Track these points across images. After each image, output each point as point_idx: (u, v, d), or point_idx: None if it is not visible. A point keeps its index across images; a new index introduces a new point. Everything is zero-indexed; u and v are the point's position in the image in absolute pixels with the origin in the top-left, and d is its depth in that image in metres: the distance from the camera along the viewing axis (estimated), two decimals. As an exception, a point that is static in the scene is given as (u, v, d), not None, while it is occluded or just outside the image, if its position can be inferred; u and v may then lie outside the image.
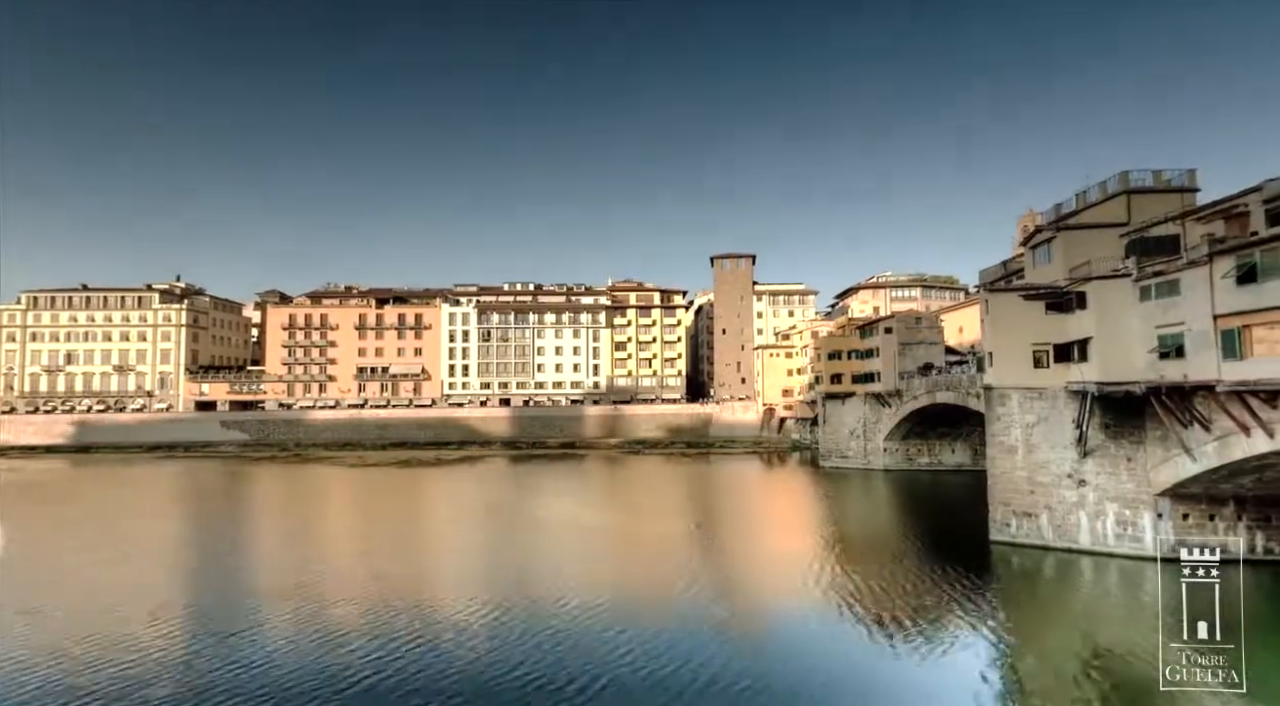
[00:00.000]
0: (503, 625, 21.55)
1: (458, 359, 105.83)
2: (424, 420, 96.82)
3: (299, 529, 40.72)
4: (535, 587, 25.75)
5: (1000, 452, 31.98)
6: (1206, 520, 26.89)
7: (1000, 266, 46.37)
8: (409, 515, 45.39)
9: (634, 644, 19.92)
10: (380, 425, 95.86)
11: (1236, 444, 23.37)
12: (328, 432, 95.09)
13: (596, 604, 23.63)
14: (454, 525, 42.33)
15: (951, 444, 59.02)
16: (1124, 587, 25.64)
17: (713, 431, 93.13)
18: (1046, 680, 18.11)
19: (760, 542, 35.89)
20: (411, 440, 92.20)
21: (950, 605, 23.80)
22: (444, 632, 20.92)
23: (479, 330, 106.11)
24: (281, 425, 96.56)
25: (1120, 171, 32.14)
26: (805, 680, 17.84)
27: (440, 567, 30.80)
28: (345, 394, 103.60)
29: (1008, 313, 31.74)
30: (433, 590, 26.37)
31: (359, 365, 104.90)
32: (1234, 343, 22.76)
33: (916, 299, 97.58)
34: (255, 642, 20.07)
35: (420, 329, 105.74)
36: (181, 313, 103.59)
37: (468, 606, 23.51)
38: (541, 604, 23.54)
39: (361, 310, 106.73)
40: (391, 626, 21.30)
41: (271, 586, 26.48)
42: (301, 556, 32.30)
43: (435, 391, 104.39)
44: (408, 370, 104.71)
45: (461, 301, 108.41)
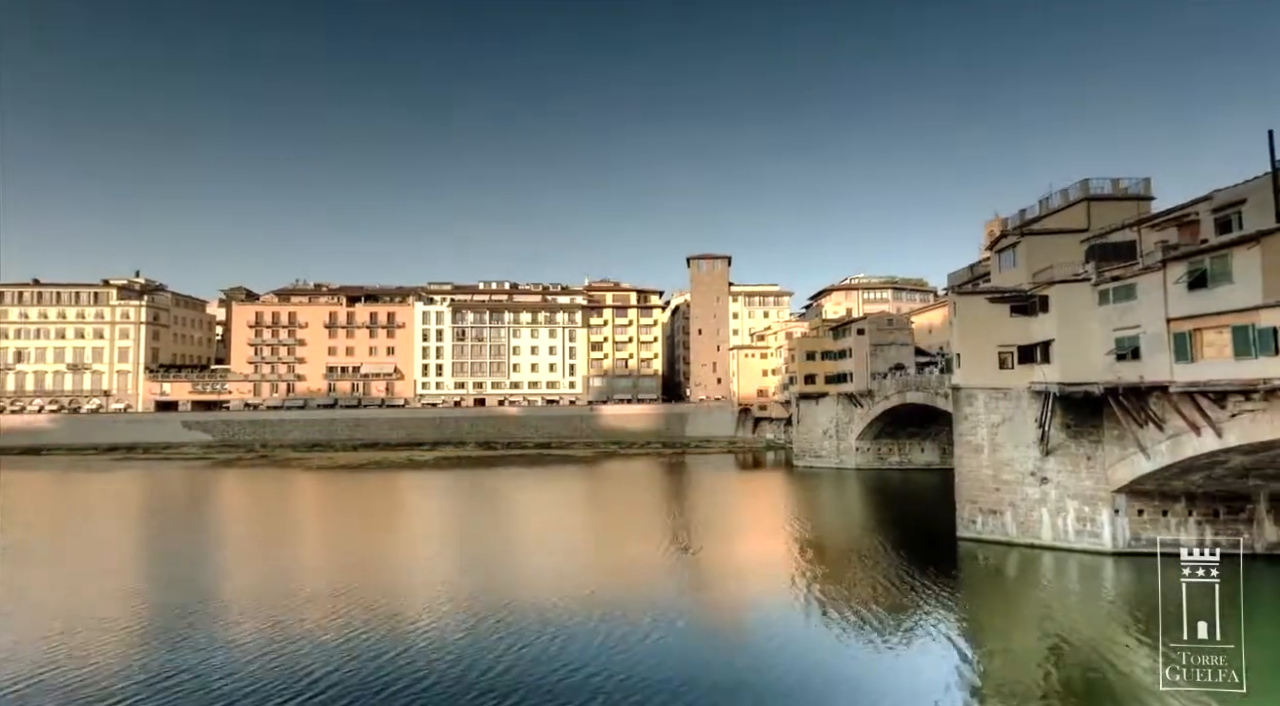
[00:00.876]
0: (474, 630, 21.24)
1: (431, 358, 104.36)
2: (397, 420, 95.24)
3: (260, 535, 39.55)
4: (509, 590, 25.47)
5: (967, 451, 32.77)
6: (1160, 516, 27.97)
7: (968, 270, 47.56)
8: (379, 519, 44.50)
9: (607, 644, 19.87)
10: (351, 425, 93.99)
11: (1188, 442, 24.35)
12: (296, 433, 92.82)
13: (569, 604, 23.52)
14: (425, 529, 41.68)
15: (921, 443, 60.32)
16: (1083, 582, 26.50)
17: (688, 431, 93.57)
18: (1009, 672, 18.62)
19: (734, 542, 36.15)
20: (384, 441, 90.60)
21: (919, 601, 24.30)
22: (415, 640, 20.54)
23: (453, 329, 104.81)
24: (247, 426, 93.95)
25: (1081, 179, 33.30)
26: (778, 677, 18.00)
27: (410, 574, 30.20)
28: (314, 394, 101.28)
29: (974, 315, 32.55)
30: (401, 599, 25.82)
31: (329, 364, 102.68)
32: (1185, 345, 23.72)
33: (888, 301, 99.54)
34: (205, 667, 18.38)
35: (393, 328, 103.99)
36: (140, 309, 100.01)
37: (438, 613, 23.15)
38: (516, 606, 23.30)
39: (332, 308, 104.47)
40: (359, 637, 20.76)
41: (224, 602, 24.99)
42: (262, 567, 31.08)
43: (408, 391, 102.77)
44: (380, 370, 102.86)
45: (435, 300, 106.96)
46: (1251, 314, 21.27)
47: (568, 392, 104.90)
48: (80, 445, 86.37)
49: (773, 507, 47.16)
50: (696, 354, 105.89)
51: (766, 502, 49.70)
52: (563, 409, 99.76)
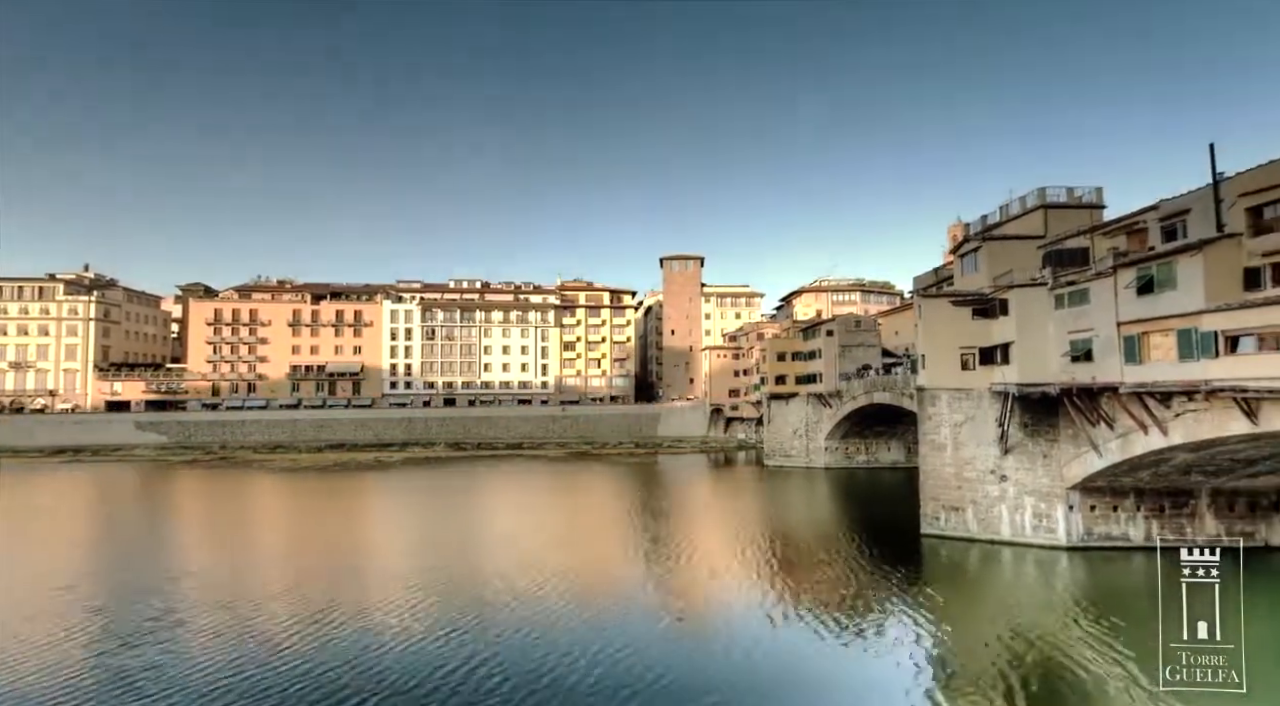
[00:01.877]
0: (434, 636, 20.89)
1: (400, 358, 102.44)
2: (364, 421, 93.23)
3: (213, 538, 38.22)
4: (474, 592, 25.17)
5: (931, 450, 33.66)
6: (1110, 511, 29.20)
7: (932, 273, 48.85)
8: (340, 521, 43.41)
9: (574, 645, 19.80)
10: (316, 426, 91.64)
11: (1137, 440, 25.48)
12: (257, 434, 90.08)
13: (535, 605, 23.38)
14: (388, 532, 40.85)
15: (887, 442, 61.74)
16: (1040, 576, 27.46)
17: (661, 431, 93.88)
18: (970, 665, 19.19)
19: (704, 542, 36.43)
20: (350, 441, 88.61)
21: (884, 597, 24.89)
22: (382, 647, 20.14)
23: (423, 328, 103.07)
24: (205, 426, 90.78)
25: (1038, 187, 34.53)
26: (745, 674, 18.20)
27: (374, 576, 29.59)
28: (277, 393, 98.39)
29: (938, 317, 33.45)
30: (354, 606, 25.31)
31: (293, 363, 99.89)
32: (1134, 348, 24.81)
33: (856, 302, 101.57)
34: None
35: (360, 326, 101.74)
36: (90, 305, 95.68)
37: (406, 614, 22.74)
38: (481, 607, 23.06)
39: (296, 306, 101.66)
40: (306, 646, 20.27)
41: (169, 607, 24.42)
42: (213, 572, 29.91)
43: (375, 391, 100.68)
44: (346, 368, 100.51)
45: (404, 298, 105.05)
46: (1194, 318, 22.36)
47: (540, 392, 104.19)
48: (23, 447, 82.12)
49: (743, 507, 47.64)
50: (669, 354, 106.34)
51: (737, 502, 50.19)
52: (534, 409, 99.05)
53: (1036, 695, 16.82)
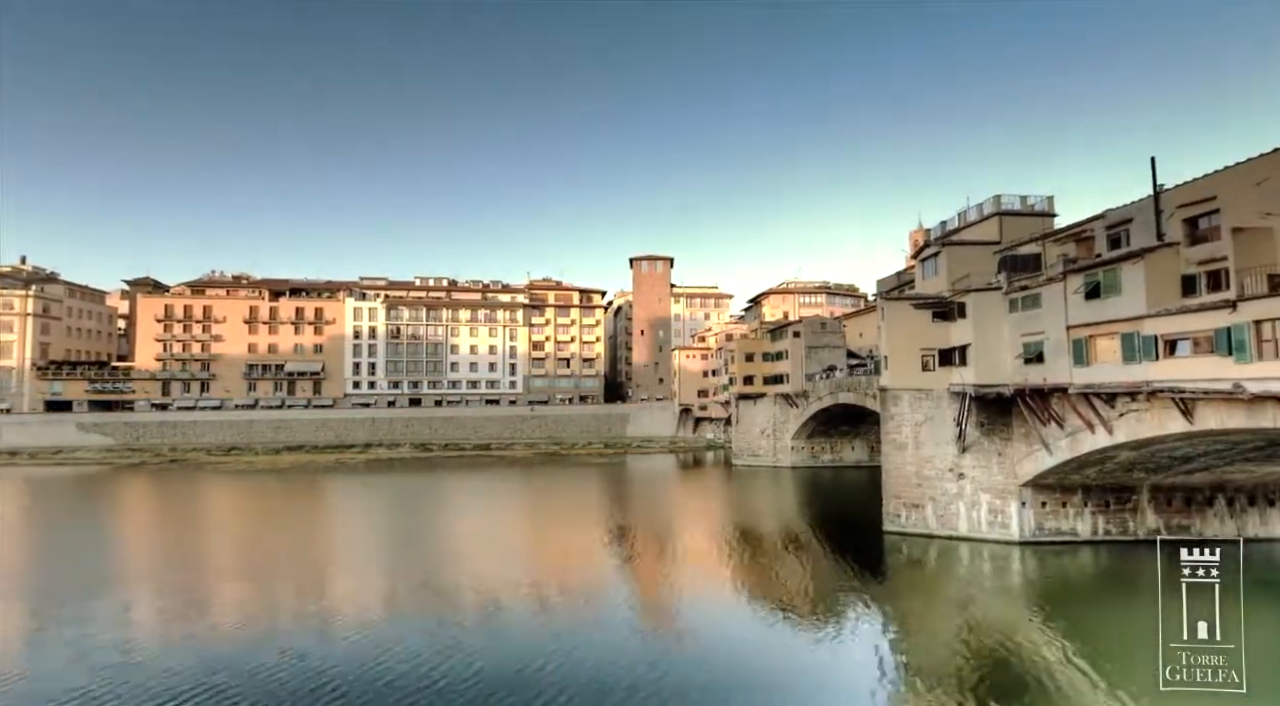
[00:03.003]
0: (407, 635, 20.52)
1: (363, 356, 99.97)
2: (324, 421, 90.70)
3: (152, 543, 36.59)
4: (437, 592, 24.77)
5: (893, 449, 34.53)
6: (1060, 507, 30.46)
7: (895, 277, 50.14)
8: (294, 526, 42.14)
9: (538, 646, 19.68)
10: (274, 427, 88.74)
11: (1084, 439, 26.65)
12: (210, 435, 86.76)
13: (500, 604, 23.19)
14: (346, 538, 39.80)
15: (852, 441, 63.15)
16: (994, 570, 28.49)
17: (630, 431, 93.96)
18: (928, 657, 19.77)
19: (672, 541, 36.63)
20: (310, 443, 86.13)
21: (846, 594, 25.45)
22: (347, 652, 19.62)
23: (388, 327, 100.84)
24: (154, 427, 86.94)
25: (994, 195, 35.81)
26: (710, 670, 18.35)
27: (326, 586, 28.80)
28: (232, 393, 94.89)
29: (900, 320, 34.34)
30: (326, 607, 24.63)
31: (249, 362, 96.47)
32: (1082, 350, 25.95)
33: (822, 304, 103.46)
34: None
35: (321, 324, 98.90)
36: (27, 300, 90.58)
37: (369, 619, 22.21)
38: (445, 606, 22.71)
39: (253, 302, 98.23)
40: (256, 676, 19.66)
41: (105, 614, 23.48)
42: (149, 578, 28.78)
43: (337, 391, 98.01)
44: (306, 368, 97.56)
45: (368, 295, 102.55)
46: (1137, 322, 23.51)
47: (508, 392, 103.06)
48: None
49: (711, 506, 48.07)
50: (639, 354, 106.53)
51: (705, 502, 50.61)
52: (502, 409, 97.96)
53: (990, 687, 17.43)
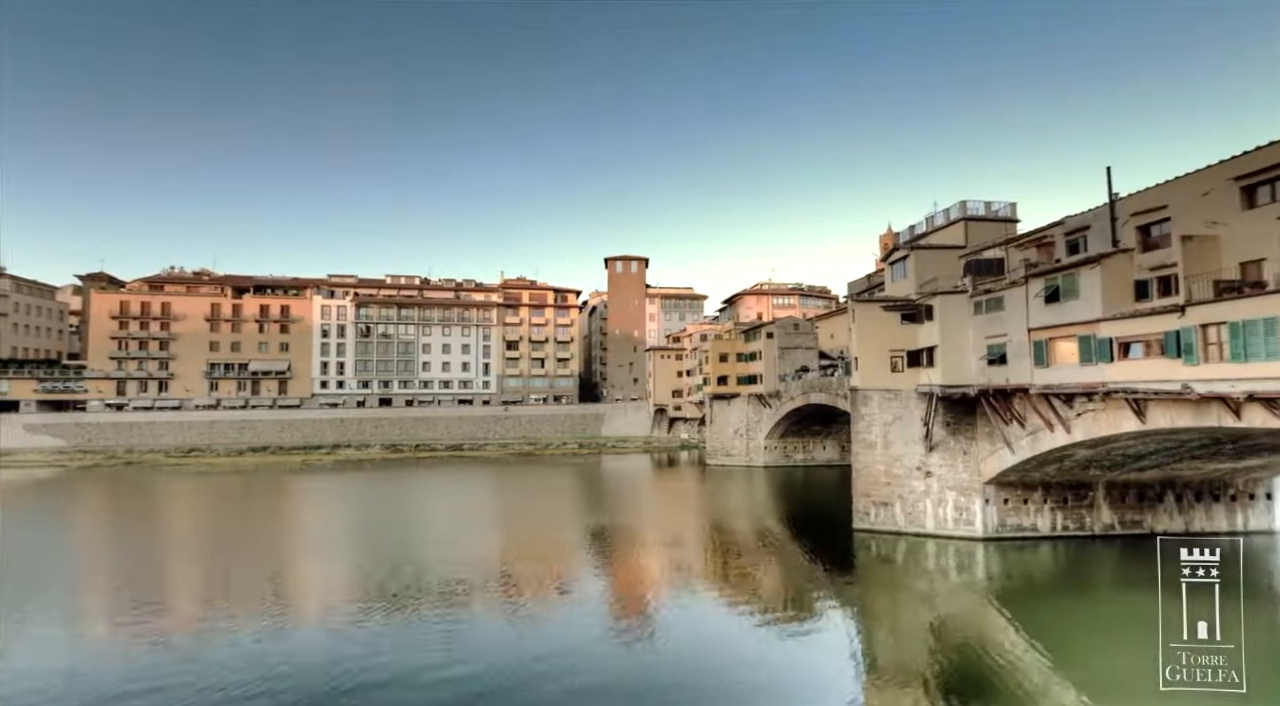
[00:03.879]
0: (370, 637, 20.17)
1: (331, 356, 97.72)
2: (291, 422, 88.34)
3: (95, 545, 35.24)
4: (410, 595, 24.38)
5: (863, 448, 35.22)
6: (1021, 504, 31.50)
7: (865, 279, 51.14)
8: (262, 525, 41.00)
9: (512, 643, 19.60)
10: (237, 428, 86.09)
11: (1044, 438, 27.60)
12: (170, 437, 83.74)
13: (473, 606, 22.97)
14: (312, 535, 38.90)
15: (823, 441, 64.20)
16: (959, 566, 29.31)
17: (605, 431, 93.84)
18: (896, 651, 20.28)
19: (646, 541, 36.73)
20: (275, 444, 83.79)
21: (818, 590, 25.94)
22: (307, 655, 19.17)
23: (357, 326, 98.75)
24: (109, 429, 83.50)
25: (960, 201, 36.83)
26: (684, 665, 18.49)
27: (293, 581, 28.14)
28: (192, 393, 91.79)
29: (870, 321, 35.05)
30: (285, 608, 24.04)
31: (211, 361, 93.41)
32: (1042, 352, 26.86)
33: (795, 306, 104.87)
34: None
35: (287, 322, 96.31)
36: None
37: (330, 622, 21.75)
38: (420, 610, 22.38)
39: (215, 300, 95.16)
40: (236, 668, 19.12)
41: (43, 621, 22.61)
42: (87, 584, 27.88)
43: (304, 391, 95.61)
44: (272, 367, 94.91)
45: (337, 294, 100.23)
46: (1094, 325, 24.45)
47: (481, 392, 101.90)
48: (-114, 455, 73.00)
49: (685, 506, 48.34)
50: (614, 354, 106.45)
51: (680, 501, 50.87)
52: (475, 409, 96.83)
53: (956, 681, 17.94)
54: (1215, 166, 22.30)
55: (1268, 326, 18.24)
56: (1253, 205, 21.26)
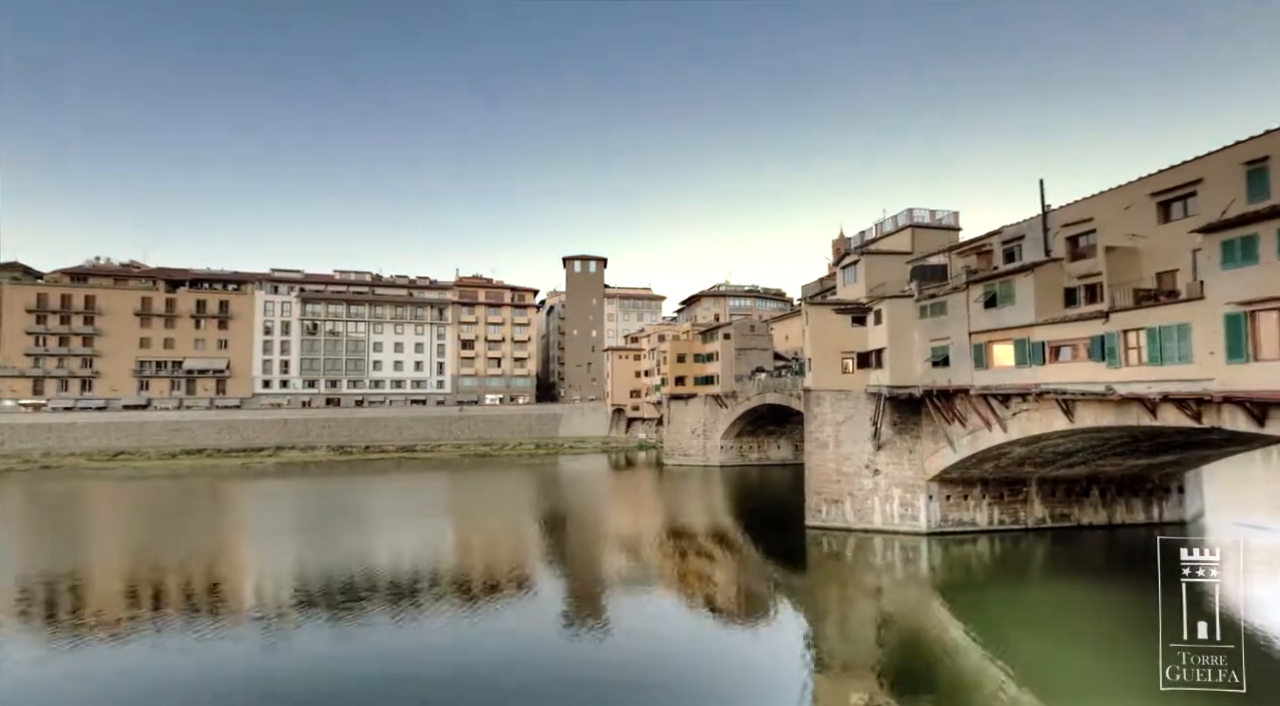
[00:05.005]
0: (317, 641, 19.44)
1: (275, 354, 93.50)
2: (230, 423, 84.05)
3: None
4: (356, 599, 23.60)
5: (815, 447, 36.16)
6: (962, 500, 32.98)
7: (818, 283, 52.51)
8: (190, 529, 38.84)
9: (466, 644, 19.27)
10: (170, 429, 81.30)
11: (983, 437, 29.01)
12: (94, 439, 78.39)
13: (424, 608, 22.43)
14: (244, 541, 37.17)
15: (778, 440, 65.59)
16: (904, 560, 30.46)
17: (562, 432, 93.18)
18: (846, 645, 20.91)
19: (602, 541, 36.68)
20: (213, 446, 79.61)
21: (771, 585, 26.50)
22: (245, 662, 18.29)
23: (303, 322, 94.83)
24: (24, 430, 77.51)
25: (908, 208, 38.30)
26: (636, 663, 18.58)
27: (228, 588, 26.81)
28: (120, 392, 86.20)
29: (823, 324, 36.02)
30: (221, 615, 22.88)
31: (141, 359, 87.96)
32: (982, 355, 28.23)
33: (751, 308, 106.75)
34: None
35: (226, 318, 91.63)
36: None
37: (268, 627, 20.84)
38: (369, 613, 21.69)
39: (146, 294, 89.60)
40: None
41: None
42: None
43: (245, 390, 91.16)
44: (209, 366, 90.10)
45: (281, 289, 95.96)
46: (1027, 330, 25.87)
47: (435, 392, 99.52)
48: None
49: (642, 506, 48.49)
50: (571, 354, 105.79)
51: (636, 500, 51.00)
52: (429, 410, 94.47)
53: (898, 667, 18.65)
54: (1135, 182, 23.95)
55: (1180, 332, 19.72)
56: (1168, 220, 22.93)
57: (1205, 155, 21.38)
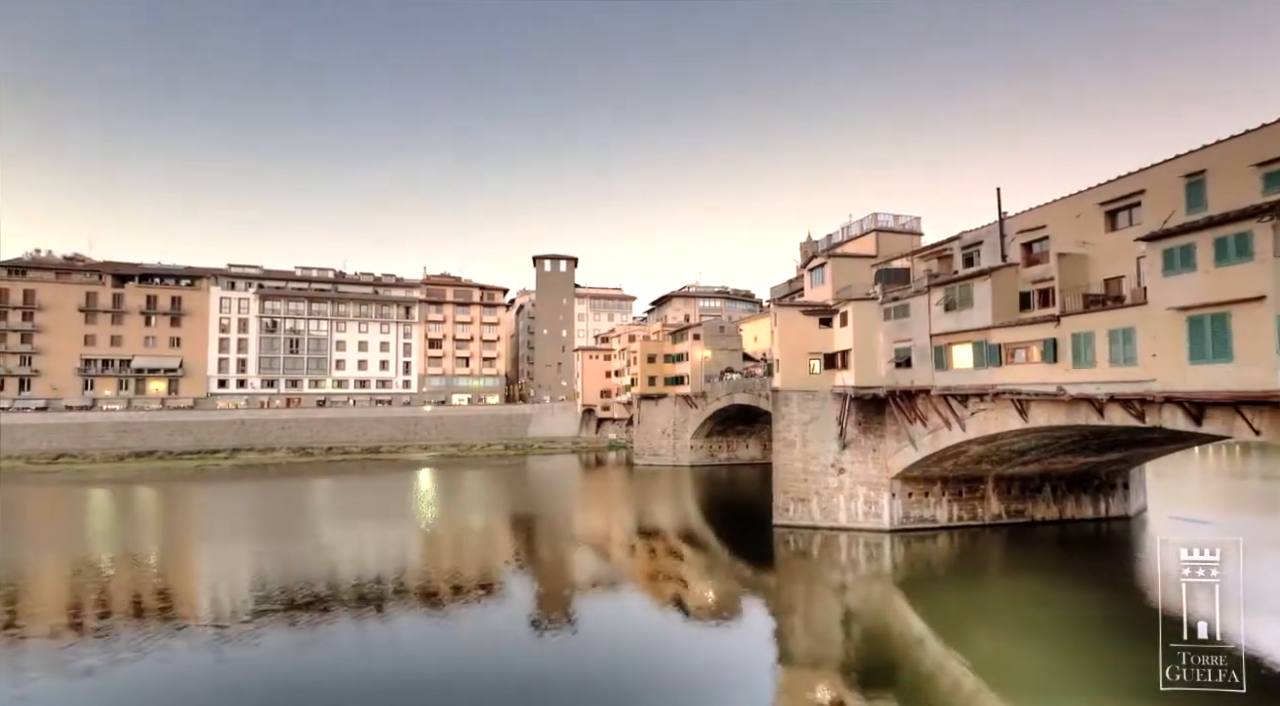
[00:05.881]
0: (279, 644, 18.84)
1: (231, 353, 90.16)
2: (183, 424, 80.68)
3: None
4: (316, 601, 22.97)
5: (783, 446, 36.70)
6: (923, 497, 33.94)
7: (787, 284, 53.32)
8: (134, 544, 37.23)
9: (433, 646, 18.95)
10: (117, 431, 77.57)
11: (944, 436, 29.90)
12: (33, 441, 74.27)
13: (389, 608, 21.98)
14: (193, 547, 35.79)
15: (746, 440, 66.34)
16: (868, 556, 31.19)
17: (532, 432, 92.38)
18: (808, 639, 21.28)
19: (571, 542, 36.51)
20: (164, 448, 76.29)
21: (739, 583, 26.79)
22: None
23: (262, 320, 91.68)
24: (-46, 434, 72.86)
25: (873, 213, 39.23)
26: (607, 666, 18.57)
27: (180, 594, 25.78)
28: (62, 392, 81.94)
29: (791, 325, 36.60)
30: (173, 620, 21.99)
31: (86, 357, 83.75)
32: (942, 356, 29.11)
33: (720, 309, 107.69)
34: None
35: (179, 315, 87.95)
36: None
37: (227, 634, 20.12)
38: (330, 615, 21.12)
39: (91, 288, 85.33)
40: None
41: None
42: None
43: (198, 390, 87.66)
44: (160, 364, 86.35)
45: (238, 285, 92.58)
46: (985, 332, 26.78)
47: (401, 392, 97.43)
48: None
49: (612, 505, 48.46)
50: (541, 354, 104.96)
51: (606, 501, 50.92)
52: (395, 410, 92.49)
53: (862, 661, 19.08)
54: (1085, 192, 25.04)
55: (1126, 336, 20.70)
56: (1114, 228, 24.06)
57: (1149, 167, 22.50)
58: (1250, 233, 16.74)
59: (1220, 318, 17.56)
